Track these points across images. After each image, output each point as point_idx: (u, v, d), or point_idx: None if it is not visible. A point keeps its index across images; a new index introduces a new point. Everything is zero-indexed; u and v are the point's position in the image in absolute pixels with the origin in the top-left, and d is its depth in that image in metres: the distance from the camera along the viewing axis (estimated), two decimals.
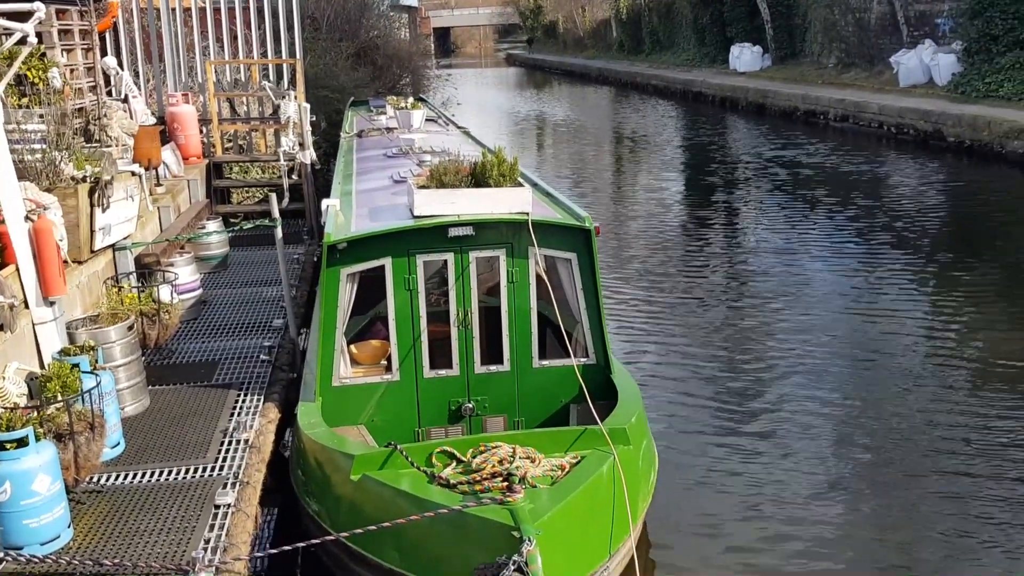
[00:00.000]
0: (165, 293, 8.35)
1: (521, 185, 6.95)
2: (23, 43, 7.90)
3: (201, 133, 14.59)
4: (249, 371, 7.95)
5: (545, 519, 4.82)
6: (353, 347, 7.28)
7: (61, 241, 7.10)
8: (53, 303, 6.88)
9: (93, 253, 8.28)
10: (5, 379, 6.09)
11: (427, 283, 6.91)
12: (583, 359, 6.92)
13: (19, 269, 6.73)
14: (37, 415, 5.46)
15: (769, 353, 10.55)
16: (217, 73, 15.64)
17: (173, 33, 15.77)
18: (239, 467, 6.20)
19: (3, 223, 6.76)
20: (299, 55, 16.27)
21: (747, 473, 7.84)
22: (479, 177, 6.92)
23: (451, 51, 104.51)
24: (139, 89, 14.45)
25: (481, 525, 4.83)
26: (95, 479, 5.96)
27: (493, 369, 6.91)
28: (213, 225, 11.32)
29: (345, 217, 7.43)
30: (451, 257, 6.75)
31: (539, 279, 6.87)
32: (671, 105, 40.64)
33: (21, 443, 5.04)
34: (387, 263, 6.72)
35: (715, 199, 20.19)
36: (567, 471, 5.48)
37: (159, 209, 10.99)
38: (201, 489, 5.90)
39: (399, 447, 5.62)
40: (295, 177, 14.21)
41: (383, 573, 5.41)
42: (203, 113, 15.15)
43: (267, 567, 5.92)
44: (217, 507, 5.67)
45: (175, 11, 15.84)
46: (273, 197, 8.89)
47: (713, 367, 10.25)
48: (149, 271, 8.88)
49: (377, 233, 6.72)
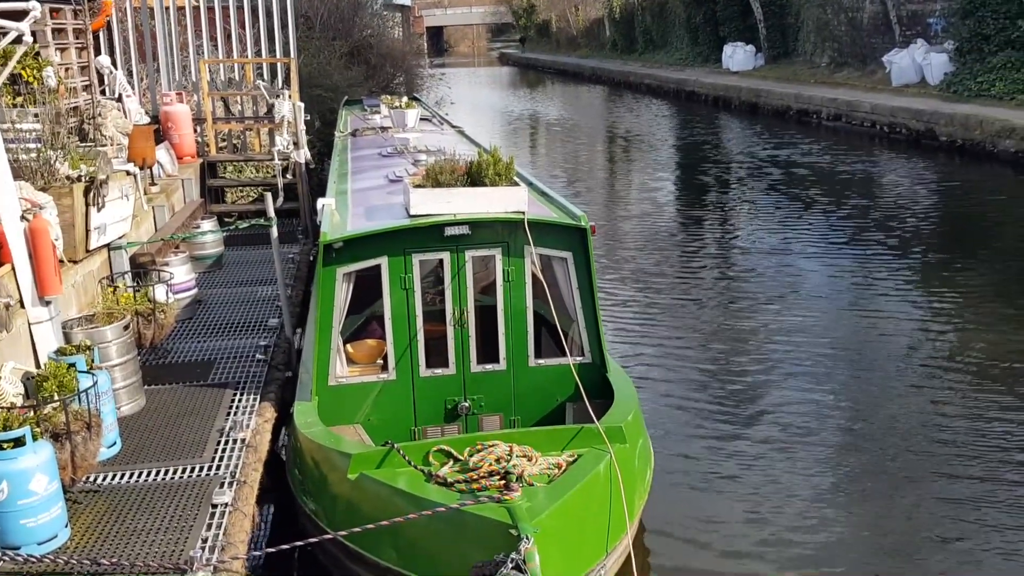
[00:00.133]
0: (160, 292, 8.34)
1: (517, 184, 6.97)
2: (18, 42, 7.89)
3: (195, 132, 14.57)
4: (245, 370, 7.95)
5: (542, 517, 4.83)
6: (349, 346, 7.28)
7: (57, 240, 7.10)
8: (49, 303, 6.88)
9: (88, 252, 8.27)
10: (1, 379, 6.08)
11: (423, 282, 6.91)
12: (579, 358, 6.93)
13: (15, 269, 6.73)
14: (34, 415, 5.46)
15: (763, 352, 10.58)
16: (211, 72, 15.62)
17: (167, 32, 15.74)
18: (236, 466, 6.20)
19: None
20: (293, 54, 16.26)
21: (742, 471, 7.87)
22: (475, 176, 6.93)
23: (444, 50, 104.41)
24: (133, 88, 14.42)
25: (479, 523, 4.85)
26: (92, 479, 5.95)
27: (489, 368, 6.92)
28: (208, 224, 11.32)
29: (341, 216, 7.44)
30: (447, 256, 6.76)
31: (535, 278, 6.89)
32: (664, 104, 40.69)
33: (18, 443, 5.04)
34: (383, 262, 6.73)
35: (709, 199, 20.23)
36: (564, 469, 5.50)
37: (154, 208, 10.98)
38: (198, 488, 5.90)
39: (396, 446, 5.63)
40: (289, 176, 14.20)
41: (380, 572, 5.42)
42: (197, 112, 15.13)
43: (264, 566, 5.91)
44: (214, 506, 5.68)
45: (169, 10, 15.81)
46: (268, 196, 8.90)
47: (708, 366, 10.28)
48: (144, 270, 8.87)
49: (373, 232, 6.73)
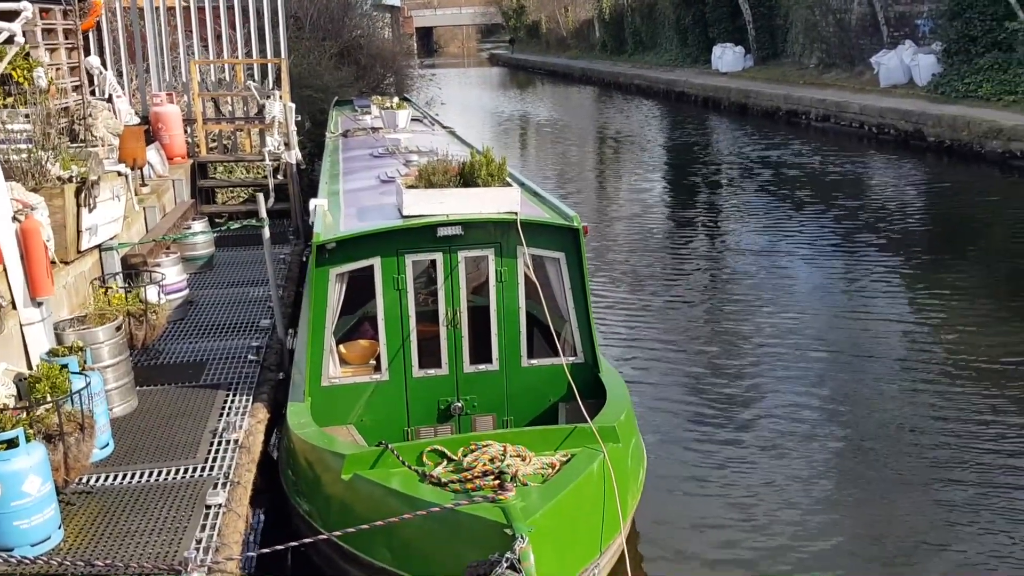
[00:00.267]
0: (152, 293, 8.33)
1: (509, 185, 6.98)
2: (9, 42, 7.86)
3: (185, 133, 14.54)
4: (237, 371, 7.95)
5: (537, 517, 4.84)
6: (342, 347, 7.28)
7: (48, 241, 7.08)
8: (41, 304, 6.86)
9: (80, 253, 8.25)
10: None
11: (415, 282, 6.93)
12: (571, 358, 6.95)
13: (6, 270, 6.70)
14: (27, 416, 5.44)
15: (753, 353, 10.63)
16: (201, 73, 15.59)
17: (157, 32, 15.69)
18: (229, 467, 6.20)
19: None
20: (284, 54, 16.23)
21: (734, 471, 7.91)
22: (467, 177, 6.95)
23: (434, 51, 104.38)
24: (122, 89, 14.38)
25: (473, 523, 4.86)
26: (85, 480, 5.94)
27: (482, 368, 6.93)
28: (199, 225, 11.30)
29: (333, 217, 7.44)
30: (440, 257, 6.77)
31: (527, 278, 6.91)
32: (654, 105, 40.78)
33: (11, 444, 5.04)
34: (376, 263, 6.73)
35: (699, 199, 20.29)
36: (558, 469, 5.52)
37: (145, 209, 10.96)
38: (192, 489, 5.90)
39: (390, 446, 5.63)
40: (280, 177, 14.18)
41: (375, 572, 5.43)
42: (187, 113, 15.10)
43: (258, 567, 5.91)
44: (208, 507, 5.68)
45: (159, 10, 15.77)
46: (260, 197, 8.88)
47: (699, 367, 10.32)
48: (136, 271, 8.85)
49: (366, 233, 6.74)
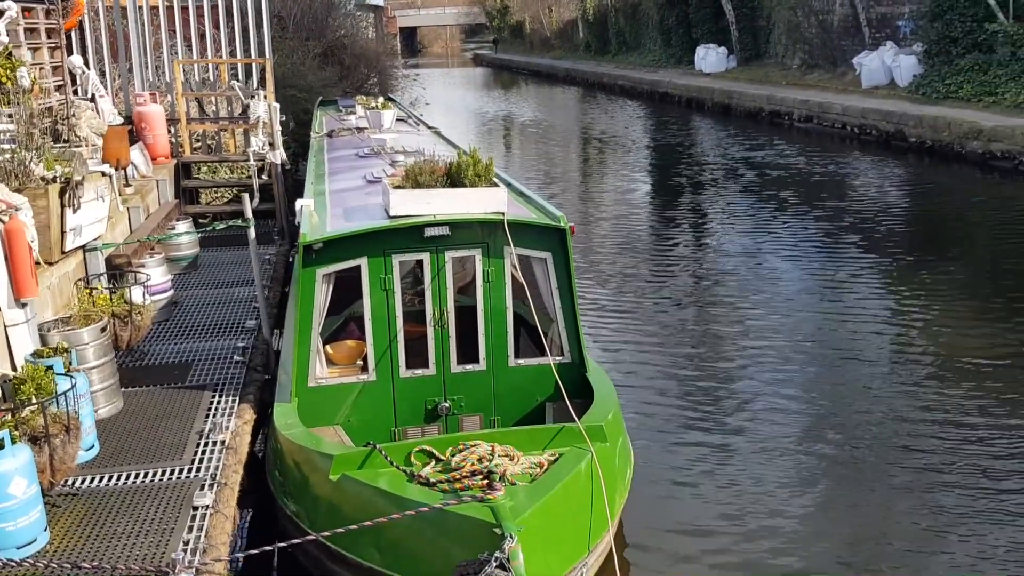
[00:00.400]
0: (137, 294, 8.28)
1: (496, 185, 7.00)
2: None
3: (169, 133, 14.47)
4: (223, 372, 7.92)
5: (526, 516, 4.86)
6: (329, 347, 7.27)
7: (32, 242, 7.03)
8: (25, 304, 6.81)
9: (64, 254, 8.21)
10: None
11: (402, 283, 6.93)
12: (558, 358, 6.97)
13: None
14: (12, 418, 5.41)
15: (739, 352, 10.69)
16: (185, 72, 15.51)
17: (140, 32, 15.61)
18: (216, 468, 6.18)
19: None
20: (268, 54, 16.18)
21: (720, 470, 7.95)
22: (454, 177, 6.95)
23: (418, 51, 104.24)
24: (105, 88, 14.29)
25: (462, 523, 4.87)
26: (71, 482, 5.91)
27: (469, 368, 6.94)
28: (183, 226, 11.25)
29: (320, 217, 7.43)
30: (427, 257, 6.78)
31: (514, 278, 6.92)
32: (638, 105, 40.89)
33: None
34: (363, 263, 6.73)
35: (683, 200, 20.37)
36: (546, 469, 5.54)
37: (129, 210, 10.90)
38: (178, 491, 5.88)
39: (378, 447, 5.64)
40: (265, 177, 14.13)
41: (363, 572, 5.43)
42: (171, 113, 15.03)
43: (246, 568, 5.90)
44: (195, 508, 5.66)
45: (142, 9, 15.68)
46: (246, 197, 8.86)
47: (684, 366, 10.37)
48: (120, 272, 8.81)
49: (353, 233, 6.73)
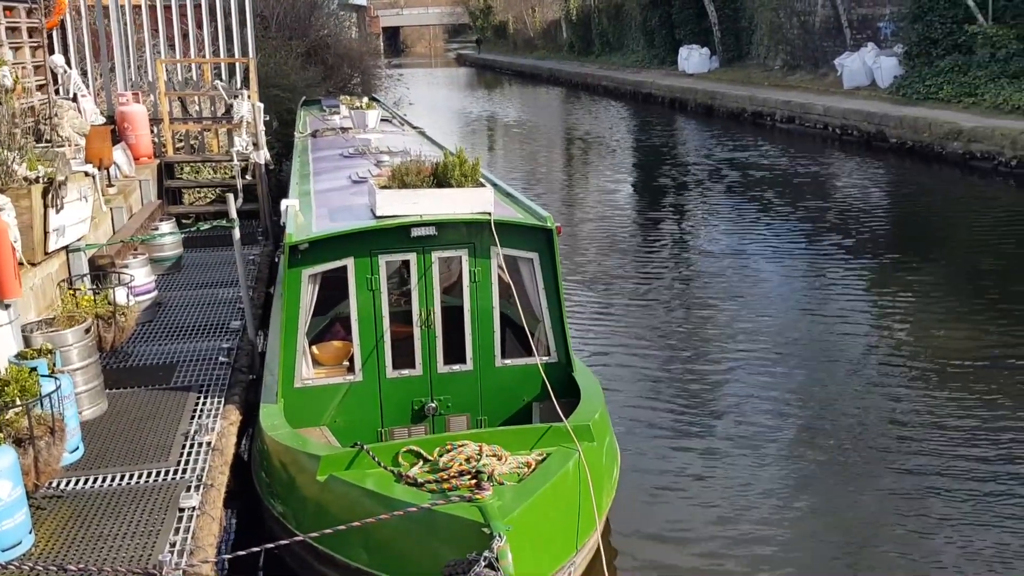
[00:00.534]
0: (121, 295, 8.24)
1: (483, 185, 7.01)
2: None
3: (152, 133, 14.39)
4: (208, 373, 7.89)
5: (514, 515, 4.88)
6: (315, 348, 7.26)
7: (16, 243, 6.98)
8: (8, 306, 6.75)
9: (47, 255, 8.15)
10: None
11: (388, 283, 6.92)
12: (545, 358, 6.99)
13: None
14: None
15: (723, 352, 10.74)
16: (168, 72, 15.43)
17: (122, 31, 15.51)
18: (202, 470, 6.16)
19: None
20: (252, 54, 16.11)
21: (705, 468, 7.99)
22: (441, 177, 6.96)
23: (401, 51, 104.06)
24: (87, 88, 14.20)
25: (451, 523, 4.88)
26: (55, 484, 5.87)
27: (456, 368, 6.95)
28: (166, 226, 11.19)
29: (305, 217, 7.41)
30: (413, 257, 6.77)
31: (501, 279, 6.93)
32: (622, 106, 40.98)
33: None
34: (349, 263, 6.72)
35: (667, 201, 20.44)
36: (533, 468, 5.56)
37: (111, 210, 10.83)
38: (164, 492, 5.85)
39: (366, 447, 5.64)
40: (248, 177, 14.08)
41: (351, 573, 5.43)
42: (153, 112, 14.94)
43: (234, 570, 5.89)
44: (182, 510, 5.63)
45: (124, 8, 15.58)
46: (230, 197, 8.82)
47: (669, 366, 10.41)
48: (104, 273, 8.75)
49: (340, 233, 6.72)
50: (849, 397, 9.35)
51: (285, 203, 7.58)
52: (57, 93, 12.76)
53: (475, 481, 5.05)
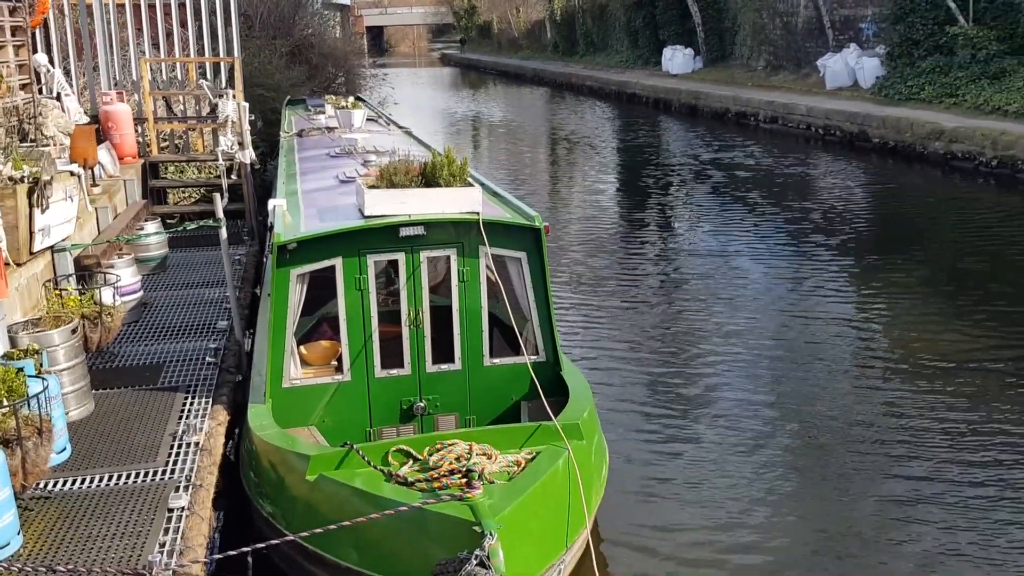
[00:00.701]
0: (107, 295, 8.20)
1: (471, 185, 7.02)
2: None
3: (136, 132, 14.31)
4: (195, 374, 7.87)
5: (505, 513, 4.89)
6: (303, 348, 7.25)
7: (1, 243, 6.94)
8: None
9: (32, 255, 8.10)
10: None
11: (376, 282, 6.93)
12: (533, 357, 7.01)
13: None
14: None
15: (708, 351, 10.79)
16: (152, 71, 15.35)
17: (106, 30, 15.42)
18: (191, 470, 6.15)
19: None
20: (237, 53, 16.05)
21: (692, 466, 8.04)
22: (429, 177, 6.97)
23: (385, 50, 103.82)
24: (71, 87, 14.10)
25: (442, 521, 4.89)
26: (43, 485, 5.85)
27: (444, 368, 6.96)
28: (151, 226, 11.14)
29: (294, 217, 7.40)
30: (402, 257, 6.78)
31: (489, 278, 6.95)
32: (606, 106, 41.07)
33: None
34: (338, 263, 6.72)
35: (652, 201, 20.50)
36: (523, 467, 5.58)
37: (96, 210, 10.77)
38: (153, 493, 5.84)
39: (355, 447, 5.64)
40: (234, 177, 14.03)
41: (341, 572, 5.43)
42: (138, 112, 14.86)
43: (216, 571, 5.86)
44: (171, 510, 5.62)
45: (108, 7, 15.49)
46: (217, 197, 8.79)
47: (655, 365, 10.46)
48: (89, 273, 8.71)
49: (328, 233, 6.72)
50: (834, 396, 9.42)
51: (273, 203, 7.57)
52: (40, 92, 12.66)
53: (465, 480, 5.06)
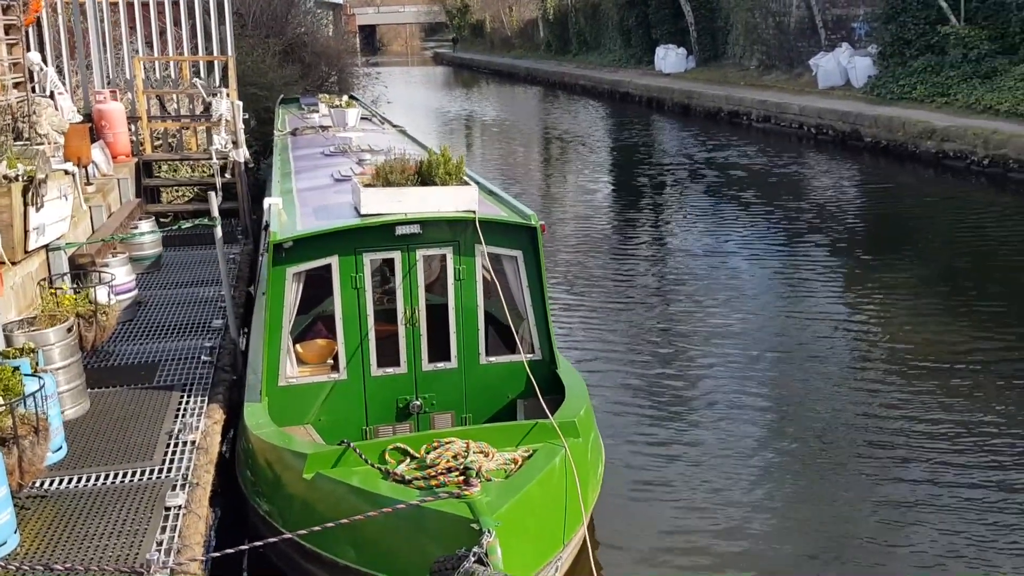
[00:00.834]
0: (102, 294, 8.19)
1: (467, 183, 7.04)
2: None
3: (130, 131, 14.28)
4: (191, 372, 7.86)
5: (503, 511, 4.91)
6: (298, 346, 7.25)
7: None
8: None
9: (27, 254, 8.09)
10: None
11: (373, 281, 6.93)
12: (529, 355, 7.02)
13: None
14: None
15: (703, 350, 10.82)
16: (145, 69, 15.32)
17: (99, 28, 15.38)
18: (188, 468, 6.15)
19: None
20: (231, 51, 16.03)
21: (688, 464, 8.07)
22: (425, 175, 6.98)
23: (377, 49, 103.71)
24: (64, 86, 14.07)
25: (439, 519, 4.91)
26: (40, 484, 5.84)
27: (440, 366, 6.96)
28: (146, 225, 11.12)
29: (289, 216, 7.40)
30: (398, 255, 6.79)
31: (485, 277, 6.96)
32: (600, 105, 41.08)
33: None
34: (334, 262, 6.73)
35: (646, 200, 20.54)
36: (520, 464, 5.59)
37: (91, 208, 10.75)
38: (150, 491, 5.84)
39: (352, 445, 5.65)
40: (228, 176, 14.01)
41: (338, 571, 5.44)
42: (131, 110, 14.83)
43: (219, 569, 5.87)
44: (168, 509, 5.62)
45: (101, 5, 15.45)
46: (212, 196, 8.78)
47: (650, 364, 10.48)
48: (84, 272, 8.69)
49: (324, 231, 6.73)
50: (827, 394, 9.45)
51: (268, 201, 7.57)
52: (34, 91, 12.63)
53: (463, 478, 5.08)
